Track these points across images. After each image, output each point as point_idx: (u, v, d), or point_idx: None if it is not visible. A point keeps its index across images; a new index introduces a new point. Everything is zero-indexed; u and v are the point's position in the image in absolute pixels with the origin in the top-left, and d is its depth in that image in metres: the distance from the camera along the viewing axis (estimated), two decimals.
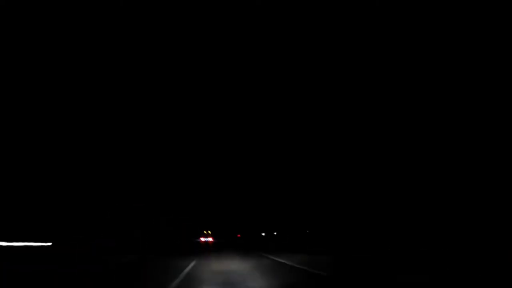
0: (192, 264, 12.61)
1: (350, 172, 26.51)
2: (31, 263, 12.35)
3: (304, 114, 29.94)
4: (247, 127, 35.03)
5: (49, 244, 21.95)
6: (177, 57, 28.22)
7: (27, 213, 25.91)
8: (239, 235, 62.21)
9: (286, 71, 27.96)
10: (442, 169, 19.15)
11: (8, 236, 21.37)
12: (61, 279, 8.83)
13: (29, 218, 25.87)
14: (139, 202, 31.24)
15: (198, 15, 23.67)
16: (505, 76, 16.84)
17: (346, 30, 22.85)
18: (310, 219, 32.94)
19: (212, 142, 37.85)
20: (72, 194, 28.26)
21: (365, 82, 24.27)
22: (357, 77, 24.65)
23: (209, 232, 49.61)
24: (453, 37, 18.78)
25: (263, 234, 49.88)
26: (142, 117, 31.15)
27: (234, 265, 12.24)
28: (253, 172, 41.64)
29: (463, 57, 18.49)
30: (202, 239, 45.87)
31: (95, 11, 22.30)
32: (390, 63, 22.19)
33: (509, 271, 8.51)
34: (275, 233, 44.87)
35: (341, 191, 27.59)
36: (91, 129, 28.94)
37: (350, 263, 12.43)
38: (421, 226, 18.41)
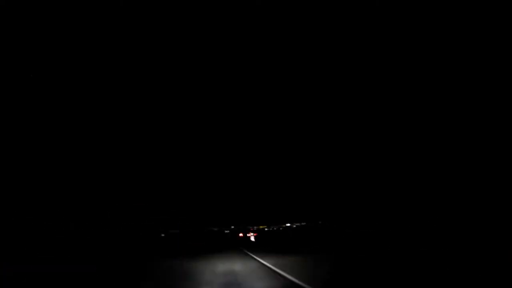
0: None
1: (351, 171, 26.50)
2: (31, 263, 12.35)
3: (306, 113, 29.91)
4: (248, 126, 35.02)
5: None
6: (177, 57, 28.22)
7: (26, 213, 25.91)
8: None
9: (286, 71, 27.95)
10: (442, 169, 19.13)
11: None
12: (61, 279, 8.83)
13: (28, 218, 25.86)
14: (139, 202, 31.24)
15: (198, 15, 23.66)
16: (505, 76, 16.81)
17: (346, 30, 22.83)
18: (310, 218, 32.92)
19: (214, 141, 37.84)
20: (72, 194, 28.26)
21: (365, 82, 24.25)
22: (357, 77, 24.63)
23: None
24: (453, 37, 18.76)
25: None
26: (142, 117, 31.16)
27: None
28: (253, 172, 41.62)
29: (463, 57, 18.47)
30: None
31: (95, 11, 22.31)
32: (390, 63, 22.17)
33: (509, 271, 8.50)
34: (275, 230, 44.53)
35: (342, 190, 27.58)
36: (92, 129, 28.95)
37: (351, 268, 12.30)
38: (421, 226, 18.39)
